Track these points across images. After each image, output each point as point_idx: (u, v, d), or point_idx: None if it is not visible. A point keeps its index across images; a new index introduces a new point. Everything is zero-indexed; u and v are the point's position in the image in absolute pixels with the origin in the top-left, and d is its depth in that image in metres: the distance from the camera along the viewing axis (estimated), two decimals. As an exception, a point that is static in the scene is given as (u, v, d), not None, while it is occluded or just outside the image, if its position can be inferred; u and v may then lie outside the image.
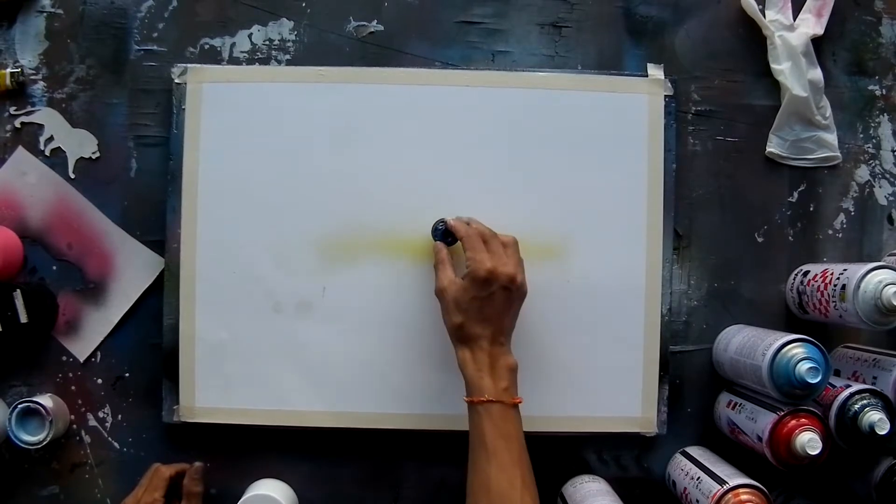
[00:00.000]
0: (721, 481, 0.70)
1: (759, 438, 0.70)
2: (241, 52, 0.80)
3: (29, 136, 0.79)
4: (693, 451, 0.78)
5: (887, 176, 0.82)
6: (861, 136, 0.82)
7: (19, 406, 0.74)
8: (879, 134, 0.82)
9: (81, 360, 0.79)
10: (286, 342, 0.77)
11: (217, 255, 0.77)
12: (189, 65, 0.78)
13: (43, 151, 0.79)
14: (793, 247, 0.81)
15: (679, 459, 0.78)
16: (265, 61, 0.80)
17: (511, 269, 0.70)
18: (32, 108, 0.79)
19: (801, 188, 0.82)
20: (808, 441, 0.67)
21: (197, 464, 0.75)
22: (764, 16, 0.80)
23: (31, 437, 0.74)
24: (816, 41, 0.80)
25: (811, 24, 0.80)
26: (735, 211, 0.81)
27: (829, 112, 0.81)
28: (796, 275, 0.79)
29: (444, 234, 0.75)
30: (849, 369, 0.77)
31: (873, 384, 0.72)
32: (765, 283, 0.81)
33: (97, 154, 0.79)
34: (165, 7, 0.80)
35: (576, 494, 0.76)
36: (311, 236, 0.78)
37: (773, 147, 0.81)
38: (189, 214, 0.77)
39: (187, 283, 0.77)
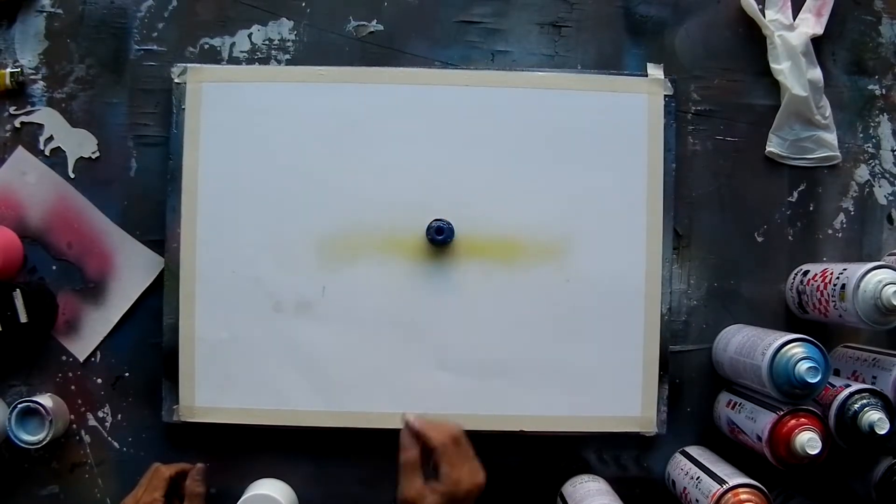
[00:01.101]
0: (721, 481, 0.70)
1: (759, 438, 0.70)
2: (241, 51, 0.80)
3: (29, 136, 0.79)
4: (693, 450, 0.78)
5: (887, 175, 0.82)
6: (861, 135, 0.82)
7: (19, 406, 0.74)
8: (879, 133, 0.82)
9: (81, 360, 0.79)
10: (286, 342, 0.77)
11: (217, 255, 0.77)
12: (189, 64, 0.78)
13: (43, 151, 0.79)
14: (792, 246, 0.81)
15: (679, 459, 0.78)
16: (265, 61, 0.80)
17: (481, 478, 0.67)
18: (32, 108, 0.79)
19: (801, 188, 0.82)
20: (808, 441, 0.67)
21: (199, 464, 0.74)
22: (764, 15, 0.80)
23: (31, 436, 0.74)
24: (816, 41, 0.80)
25: (811, 24, 0.80)
26: (735, 211, 0.81)
27: (828, 112, 0.81)
28: (796, 274, 0.79)
29: (437, 231, 0.76)
30: (848, 369, 0.77)
31: (873, 384, 0.72)
32: (764, 283, 0.81)
33: (97, 154, 0.79)
34: (165, 7, 0.80)
35: (575, 494, 0.76)
36: (311, 236, 0.78)
37: (773, 147, 0.81)
38: (189, 214, 0.77)
39: (187, 283, 0.77)
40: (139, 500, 0.71)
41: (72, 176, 0.79)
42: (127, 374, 0.79)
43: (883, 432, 0.67)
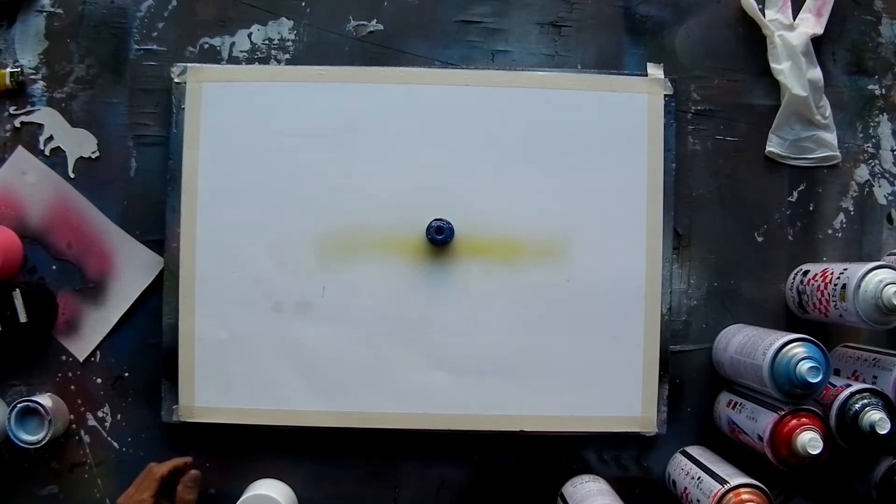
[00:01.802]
0: (722, 481, 0.70)
1: (760, 438, 0.70)
2: (241, 51, 0.80)
3: (29, 136, 0.79)
4: (693, 450, 0.78)
5: (887, 175, 0.82)
6: (861, 135, 0.82)
7: (19, 405, 0.73)
8: (879, 133, 0.82)
9: (81, 360, 0.79)
10: (286, 342, 0.77)
11: (217, 255, 0.77)
12: (189, 64, 0.78)
13: (43, 151, 0.79)
14: (792, 246, 0.81)
15: (679, 459, 0.78)
16: (265, 61, 0.80)
17: None
18: (32, 108, 0.79)
19: (801, 188, 0.82)
20: (809, 441, 0.67)
21: (193, 471, 0.74)
22: (764, 15, 0.80)
23: (31, 436, 0.74)
24: (816, 41, 0.80)
25: (811, 24, 0.80)
26: (735, 211, 0.81)
27: (828, 111, 0.81)
28: (796, 274, 0.79)
29: (437, 231, 0.76)
30: (849, 368, 0.77)
31: (873, 383, 0.72)
32: (765, 283, 0.81)
33: (97, 154, 0.79)
34: (165, 6, 0.80)
35: (576, 494, 0.76)
36: (310, 236, 0.78)
37: (773, 146, 0.81)
38: (189, 214, 0.77)
39: (187, 283, 0.77)
40: (131, 498, 0.71)
41: (72, 176, 0.79)
42: (127, 374, 0.79)
43: (884, 432, 0.67)
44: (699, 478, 0.73)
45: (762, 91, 0.81)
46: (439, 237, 0.76)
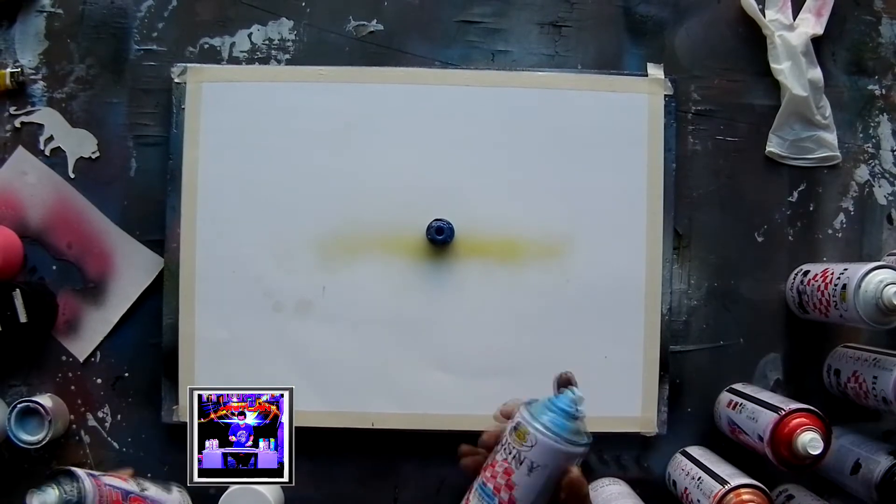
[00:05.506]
0: (722, 481, 0.70)
1: (760, 438, 0.70)
2: (241, 51, 0.80)
3: (29, 136, 0.79)
4: (693, 450, 0.78)
5: (887, 175, 0.82)
6: (861, 135, 0.82)
7: (19, 406, 0.73)
8: (879, 133, 0.82)
9: (81, 360, 0.79)
10: (286, 342, 0.77)
11: (217, 255, 0.77)
12: (189, 64, 0.78)
13: (43, 151, 0.79)
14: (793, 246, 0.81)
15: (679, 459, 0.78)
16: (265, 61, 0.80)
17: None
18: (32, 108, 0.79)
19: (801, 188, 0.82)
20: (810, 441, 0.67)
21: None
22: (764, 15, 0.80)
23: (31, 436, 0.74)
24: (816, 41, 0.80)
25: (811, 24, 0.80)
26: (735, 211, 0.81)
27: (828, 112, 0.81)
28: (796, 274, 0.79)
29: (437, 231, 0.76)
30: (849, 369, 0.77)
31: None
32: (765, 283, 0.81)
33: (97, 154, 0.79)
34: (165, 7, 0.80)
35: (597, 498, 0.75)
36: (311, 236, 0.78)
37: (773, 147, 0.81)
38: (189, 214, 0.77)
39: (187, 283, 0.77)
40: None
41: (72, 176, 0.79)
42: (127, 375, 0.79)
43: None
44: (699, 478, 0.73)
45: (762, 91, 0.81)
46: (439, 237, 0.76)
